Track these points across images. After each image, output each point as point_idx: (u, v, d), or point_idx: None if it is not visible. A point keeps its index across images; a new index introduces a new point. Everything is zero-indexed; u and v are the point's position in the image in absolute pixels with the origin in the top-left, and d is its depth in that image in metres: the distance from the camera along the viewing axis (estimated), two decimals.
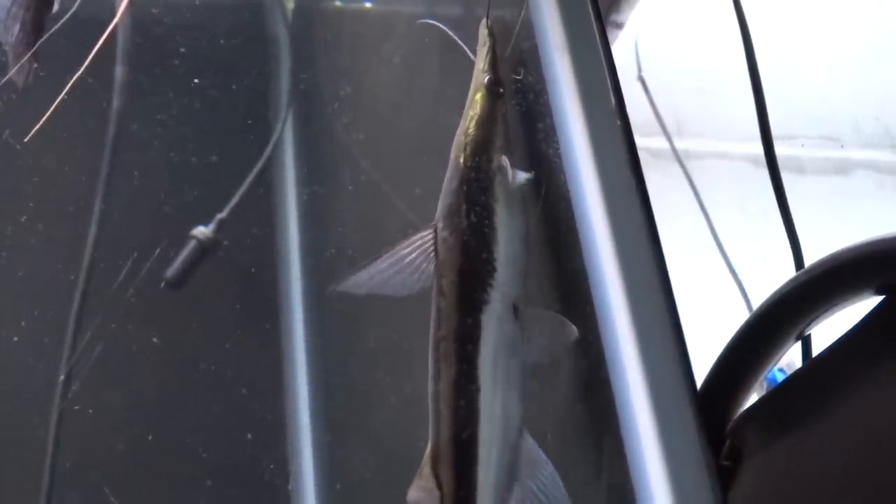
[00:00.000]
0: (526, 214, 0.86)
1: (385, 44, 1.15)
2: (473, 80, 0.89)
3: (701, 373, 1.04)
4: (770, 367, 1.09)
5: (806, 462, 1.03)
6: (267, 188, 1.17)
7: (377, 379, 1.08)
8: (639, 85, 2.10)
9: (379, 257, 0.85)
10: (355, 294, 0.89)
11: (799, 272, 1.10)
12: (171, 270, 1.08)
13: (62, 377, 0.93)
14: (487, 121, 0.87)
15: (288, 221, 1.20)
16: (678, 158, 1.95)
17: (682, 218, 1.93)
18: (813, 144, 2.48)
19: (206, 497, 1.00)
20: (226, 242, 1.08)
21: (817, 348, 1.07)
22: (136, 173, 0.98)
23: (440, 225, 0.86)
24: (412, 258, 0.85)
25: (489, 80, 0.88)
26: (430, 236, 0.86)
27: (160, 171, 1.02)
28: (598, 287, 0.73)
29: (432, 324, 0.86)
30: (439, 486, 0.85)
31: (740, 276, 1.81)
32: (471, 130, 0.87)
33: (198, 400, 0.76)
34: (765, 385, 1.15)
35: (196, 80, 1.06)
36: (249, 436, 1.09)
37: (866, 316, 0.95)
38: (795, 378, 1.06)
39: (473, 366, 0.84)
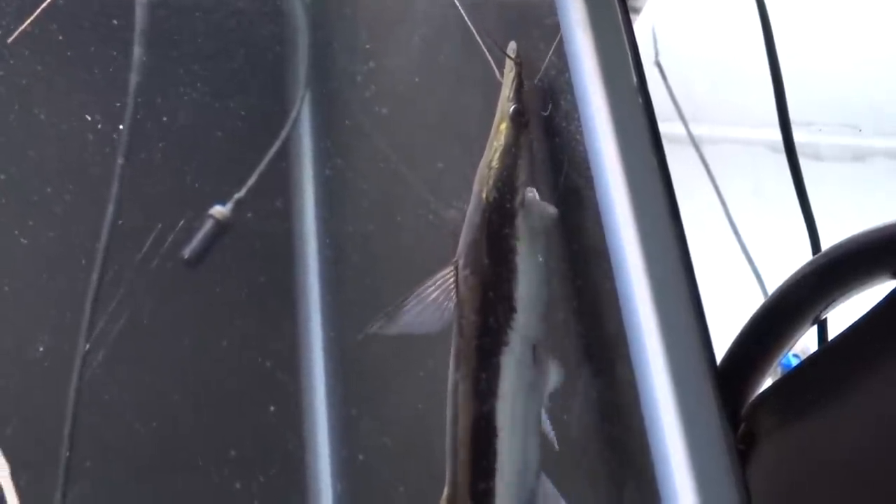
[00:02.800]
0: (549, 252, 0.85)
1: (405, 22, 1.15)
2: (498, 109, 0.87)
3: (716, 357, 1.04)
4: (786, 350, 1.08)
5: (820, 446, 1.02)
6: (285, 165, 1.17)
7: (395, 353, 1.09)
8: (656, 70, 2.09)
9: (404, 299, 0.85)
10: (383, 335, 0.88)
11: (816, 256, 1.10)
12: (189, 249, 1.09)
13: (85, 348, 0.93)
14: (512, 153, 0.85)
15: (305, 199, 1.20)
16: (695, 144, 1.94)
17: (698, 203, 1.92)
18: (831, 131, 2.47)
19: (229, 466, 1.00)
20: (249, 215, 1.08)
21: (834, 333, 1.06)
22: (160, 145, 0.98)
23: (461, 262, 0.85)
24: (435, 297, 0.85)
25: (514, 109, 0.86)
26: (451, 274, 0.85)
27: (181, 144, 1.02)
28: (619, 265, 0.73)
29: (451, 363, 0.85)
30: None
31: (756, 262, 1.81)
32: (494, 163, 0.85)
33: (220, 373, 0.77)
34: (779, 371, 1.14)
35: (216, 58, 1.06)
36: (272, 408, 1.10)
37: (882, 300, 0.94)
38: (810, 362, 1.05)
39: (492, 410, 0.83)
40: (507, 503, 0.84)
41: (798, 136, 1.45)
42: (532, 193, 0.84)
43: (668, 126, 2.00)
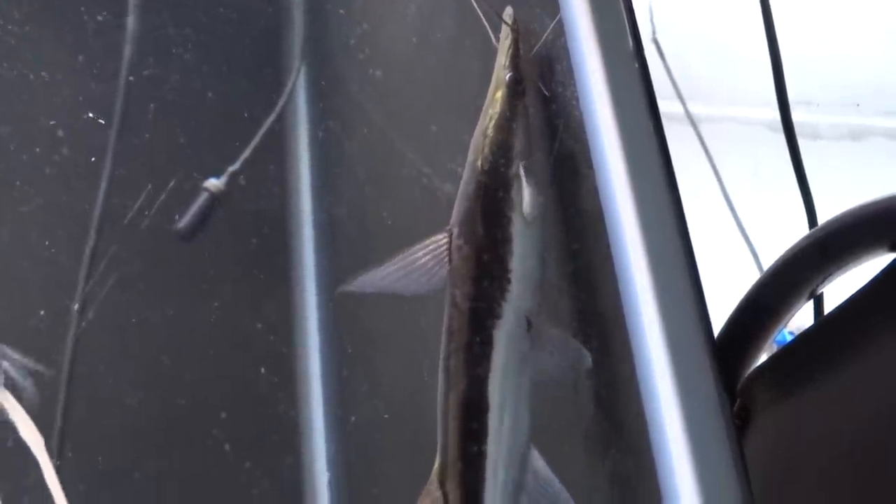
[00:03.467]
0: (544, 223, 0.84)
1: None
2: (494, 76, 0.86)
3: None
4: (782, 325, 1.09)
5: (816, 420, 1.02)
6: (279, 128, 1.17)
7: (388, 315, 1.09)
8: (653, 47, 2.09)
9: (391, 260, 0.84)
10: (363, 293, 0.88)
11: (813, 230, 1.10)
12: (183, 222, 1.09)
13: (76, 307, 0.93)
14: (507, 122, 0.84)
15: (300, 164, 1.20)
16: (692, 122, 1.93)
17: (695, 181, 1.92)
18: (829, 110, 2.47)
19: (219, 427, 1.01)
20: (243, 182, 1.08)
21: (830, 308, 1.06)
22: (151, 106, 0.98)
23: (455, 231, 0.84)
24: (425, 261, 0.84)
25: (510, 77, 0.85)
26: (445, 241, 0.84)
27: (173, 106, 1.02)
28: (614, 232, 0.72)
29: (444, 334, 0.85)
30: (447, 501, 0.85)
31: (753, 240, 1.81)
32: (490, 132, 0.84)
33: (211, 335, 0.77)
34: (775, 348, 1.15)
35: (209, 19, 1.05)
36: (263, 369, 1.10)
37: (880, 273, 0.94)
38: (806, 337, 1.06)
39: (483, 382, 0.83)
40: (496, 476, 0.84)
41: (796, 116, 1.45)
42: (523, 171, 0.83)
43: (665, 104, 1.99)
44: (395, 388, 1.08)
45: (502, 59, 0.86)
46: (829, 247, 1.01)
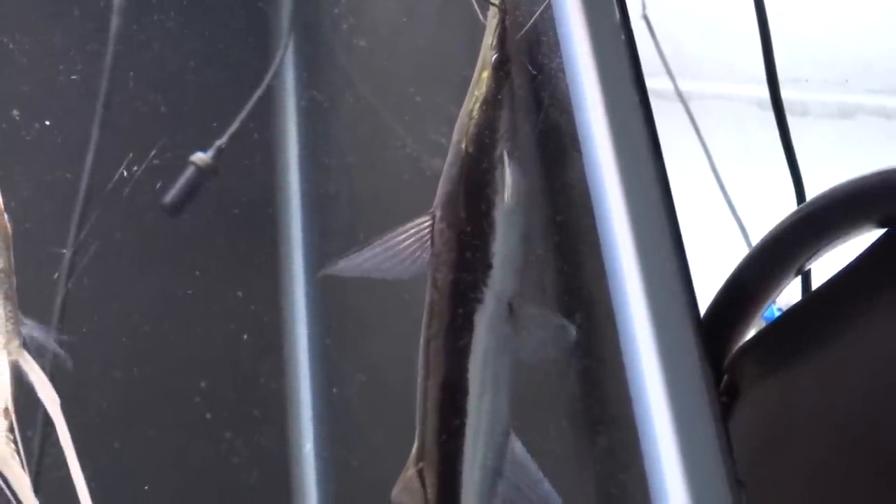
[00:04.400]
0: (528, 206, 0.83)
1: None
2: (480, 57, 0.85)
3: (700, 310, 1.04)
4: (770, 302, 1.09)
5: (804, 396, 1.03)
6: (267, 103, 1.16)
7: (372, 288, 1.09)
8: (643, 24, 2.08)
9: (371, 243, 0.83)
10: (344, 276, 0.88)
11: (800, 206, 1.11)
12: (170, 196, 1.08)
13: (57, 276, 0.93)
14: (493, 104, 0.83)
15: (288, 137, 1.20)
16: (681, 99, 1.94)
17: (684, 158, 1.92)
18: (818, 87, 2.47)
19: (200, 395, 1.01)
20: (229, 154, 1.07)
21: (818, 284, 1.07)
22: (130, 74, 0.97)
23: (438, 214, 0.83)
24: (406, 245, 0.84)
25: (496, 58, 0.83)
26: (427, 224, 0.83)
27: (158, 77, 1.01)
28: (599, 206, 0.72)
29: (424, 318, 0.84)
30: (424, 486, 0.85)
31: (742, 217, 1.81)
32: (475, 113, 0.83)
33: (191, 302, 0.77)
34: (763, 324, 1.15)
35: None
36: (245, 336, 1.10)
37: (866, 249, 0.95)
38: (794, 313, 1.07)
39: (463, 367, 0.83)
40: (474, 455, 0.84)
41: (785, 93, 1.45)
42: (506, 155, 0.82)
43: (654, 81, 1.99)
44: (378, 361, 1.08)
45: (489, 39, 0.84)
46: (817, 223, 1.01)
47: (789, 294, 1.12)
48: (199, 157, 1.10)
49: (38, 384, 0.73)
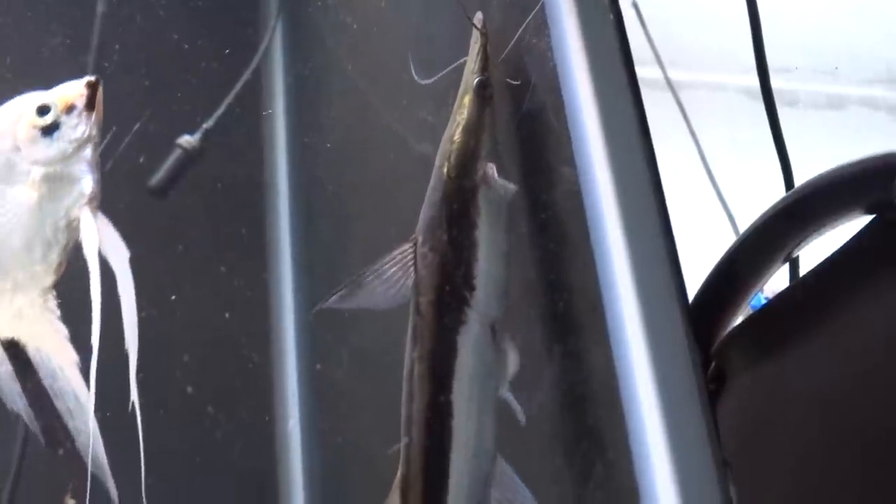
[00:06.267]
0: (509, 229, 0.84)
1: None
2: (463, 82, 0.86)
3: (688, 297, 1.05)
4: (757, 289, 1.09)
5: (790, 382, 1.03)
6: (255, 82, 1.16)
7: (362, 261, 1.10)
8: (632, 12, 2.08)
9: (360, 275, 0.84)
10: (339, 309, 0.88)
11: (788, 192, 1.11)
12: (157, 178, 1.08)
13: None
14: (474, 128, 0.84)
15: (276, 118, 1.20)
16: (671, 88, 1.93)
17: (673, 147, 1.92)
18: (808, 78, 2.47)
19: (182, 370, 1.01)
20: (216, 137, 1.07)
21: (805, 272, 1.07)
22: (116, 47, 0.97)
23: (420, 239, 0.84)
24: (391, 273, 0.84)
25: (478, 82, 0.84)
26: (410, 251, 0.84)
27: (146, 54, 1.01)
28: (587, 187, 0.72)
29: (408, 341, 0.85)
30: None
31: (730, 206, 1.81)
32: (456, 138, 0.84)
33: (174, 278, 0.77)
34: (750, 312, 1.15)
35: None
36: (227, 314, 1.11)
37: (855, 236, 0.95)
38: (781, 299, 1.07)
39: (448, 391, 0.83)
40: (460, 482, 0.84)
41: (775, 83, 1.45)
42: (492, 170, 0.83)
43: (644, 70, 1.99)
44: (363, 337, 1.08)
45: (472, 63, 0.85)
46: (804, 210, 1.01)
47: (777, 282, 1.12)
48: (186, 140, 1.11)
49: (107, 238, 0.77)
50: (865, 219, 0.94)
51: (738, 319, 1.11)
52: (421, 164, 0.89)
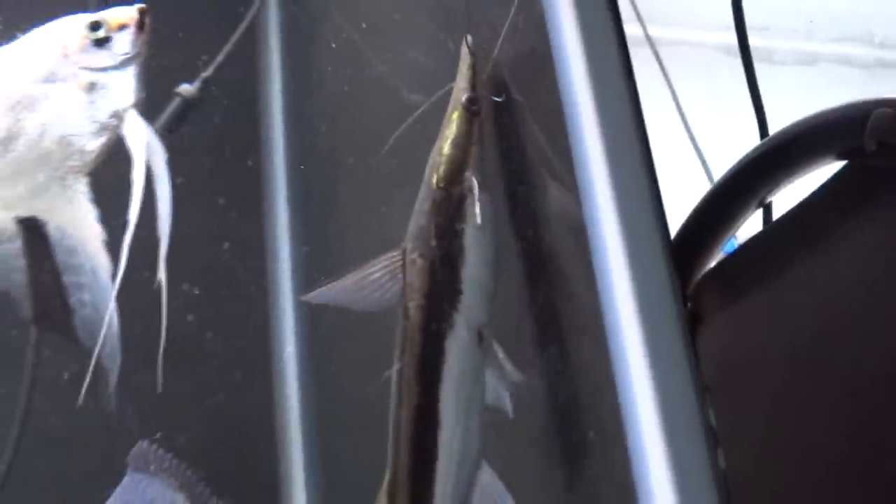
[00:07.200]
0: (495, 237, 0.87)
1: None
2: (452, 98, 0.89)
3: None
4: (732, 233, 1.11)
5: (763, 322, 1.06)
6: (252, 33, 1.18)
7: (352, 207, 1.12)
8: None
9: (346, 275, 0.87)
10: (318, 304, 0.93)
11: (763, 140, 1.13)
12: (155, 127, 1.10)
13: None
14: (462, 141, 0.87)
15: (272, 67, 1.21)
16: (651, 44, 1.95)
17: (651, 102, 1.94)
18: (783, 36, 2.49)
19: (183, 297, 1.03)
20: (214, 87, 1.09)
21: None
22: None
23: (409, 246, 0.87)
24: (378, 277, 0.87)
25: (467, 98, 0.88)
26: (399, 257, 0.87)
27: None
28: (573, 123, 0.75)
29: (396, 347, 0.87)
30: None
31: (707, 159, 1.84)
32: (445, 150, 0.88)
33: (175, 208, 0.79)
34: (723, 256, 1.18)
35: None
36: (226, 245, 1.13)
37: (827, 181, 0.97)
38: (755, 242, 1.10)
39: (435, 395, 0.86)
40: (446, 486, 0.86)
41: (752, 40, 1.47)
42: (477, 182, 0.86)
43: (625, 27, 2.00)
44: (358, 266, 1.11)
45: (462, 82, 0.89)
46: (779, 156, 1.04)
47: (750, 228, 1.15)
48: (185, 89, 1.12)
49: (150, 138, 0.84)
50: (837, 165, 0.97)
51: (713, 264, 1.14)
52: (410, 111, 0.92)
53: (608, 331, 0.72)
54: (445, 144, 0.88)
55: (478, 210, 0.85)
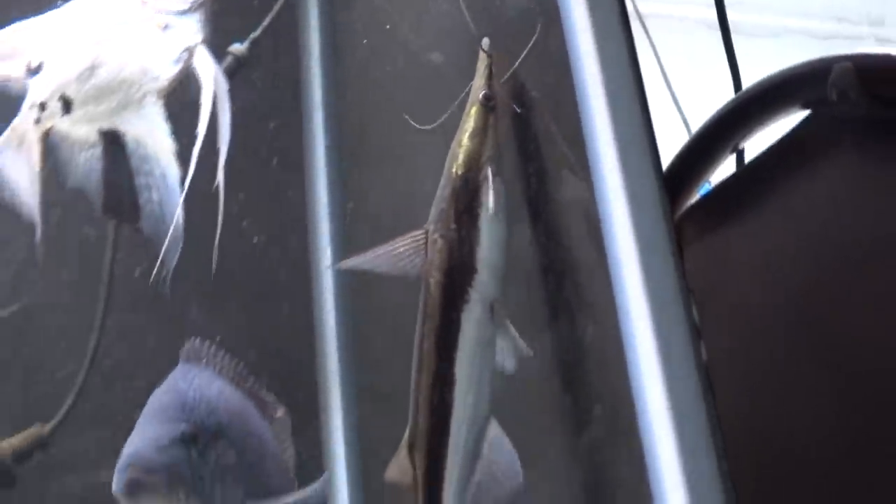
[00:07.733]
0: (509, 221, 0.96)
1: None
2: (471, 95, 0.98)
3: None
4: (709, 174, 1.18)
5: (735, 251, 1.14)
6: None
7: (387, 134, 1.22)
8: None
9: (376, 247, 0.97)
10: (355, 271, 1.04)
11: (737, 94, 1.22)
12: None
13: None
14: (479, 134, 0.96)
15: (311, 31, 1.34)
16: (638, 15, 2.05)
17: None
18: (753, 9, 2.65)
19: (237, 205, 1.13)
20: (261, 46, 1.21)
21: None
22: None
23: (431, 228, 0.96)
24: (404, 250, 0.96)
25: (483, 95, 0.97)
26: (423, 236, 0.96)
27: None
28: (578, 76, 0.84)
29: (419, 318, 0.96)
30: (414, 467, 0.98)
31: (687, 116, 1.93)
32: (463, 142, 0.97)
33: (232, 135, 0.93)
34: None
35: None
36: (275, 161, 1.30)
37: (793, 128, 1.06)
38: (729, 181, 1.17)
39: (451, 361, 0.94)
40: (458, 439, 0.95)
41: (729, 14, 1.56)
42: (494, 170, 0.95)
43: None
44: (394, 176, 1.22)
45: (479, 81, 0.98)
46: (750, 107, 1.12)
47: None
48: (237, 48, 1.24)
49: (216, 69, 0.97)
50: (803, 113, 1.04)
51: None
52: (433, 76, 1.03)
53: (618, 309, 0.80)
54: (464, 137, 0.97)
55: (492, 197, 0.94)
